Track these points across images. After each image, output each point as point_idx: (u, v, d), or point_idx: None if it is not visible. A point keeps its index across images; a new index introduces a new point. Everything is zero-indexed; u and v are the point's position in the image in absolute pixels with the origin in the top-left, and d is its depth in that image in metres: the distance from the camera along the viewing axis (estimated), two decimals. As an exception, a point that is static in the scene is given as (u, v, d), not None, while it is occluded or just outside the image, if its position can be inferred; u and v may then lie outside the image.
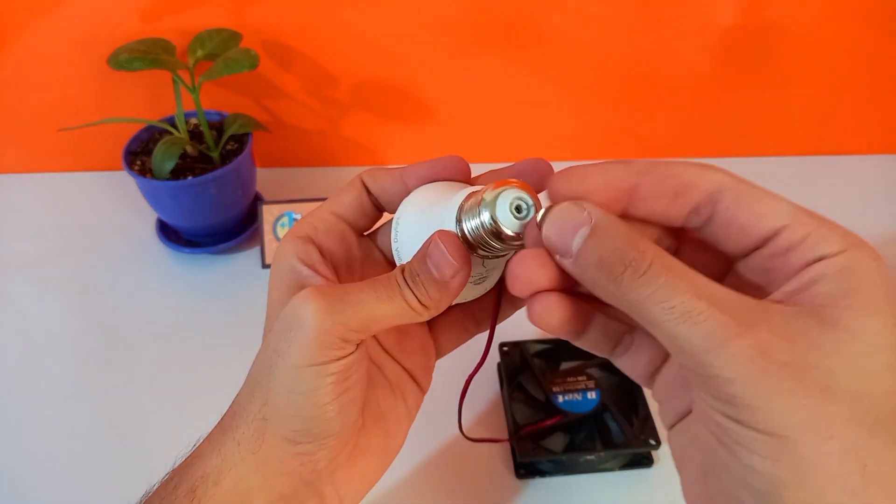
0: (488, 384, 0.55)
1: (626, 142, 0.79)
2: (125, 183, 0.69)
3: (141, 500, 0.30)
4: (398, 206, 0.31)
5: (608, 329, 0.28)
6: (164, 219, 0.67)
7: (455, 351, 0.35)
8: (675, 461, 0.25)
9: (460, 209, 0.27)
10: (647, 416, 0.49)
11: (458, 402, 0.34)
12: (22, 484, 0.50)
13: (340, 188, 0.31)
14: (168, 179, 0.60)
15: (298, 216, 0.66)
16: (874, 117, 0.77)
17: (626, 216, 0.25)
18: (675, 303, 0.21)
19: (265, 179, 0.73)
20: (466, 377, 0.33)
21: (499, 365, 0.55)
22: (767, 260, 0.24)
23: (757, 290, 0.24)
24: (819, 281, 0.22)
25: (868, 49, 0.71)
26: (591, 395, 0.50)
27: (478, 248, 0.27)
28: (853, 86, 0.74)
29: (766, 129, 0.78)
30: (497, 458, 0.51)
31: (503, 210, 0.25)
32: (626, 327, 0.28)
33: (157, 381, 0.57)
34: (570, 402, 0.49)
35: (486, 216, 0.26)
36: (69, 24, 0.66)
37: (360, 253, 0.31)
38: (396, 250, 0.30)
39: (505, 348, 0.54)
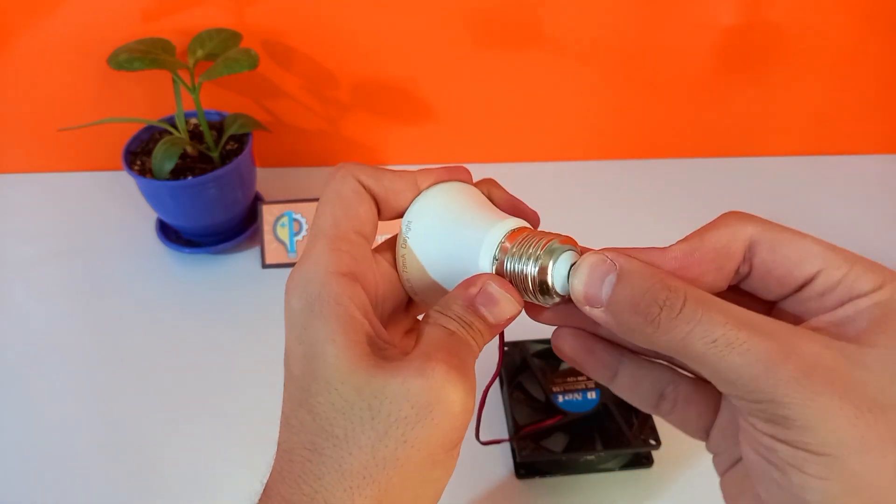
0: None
1: (626, 142, 0.79)
2: (125, 183, 0.69)
3: None
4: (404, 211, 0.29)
5: (639, 377, 0.28)
6: (164, 219, 0.67)
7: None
8: (727, 501, 0.26)
9: (501, 248, 0.26)
10: (647, 416, 0.49)
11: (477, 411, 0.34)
12: (22, 485, 0.50)
13: (342, 195, 0.27)
14: (168, 179, 0.60)
15: (298, 216, 0.66)
16: (874, 117, 0.77)
17: None
18: (717, 335, 0.21)
19: (265, 179, 0.73)
20: (484, 388, 0.32)
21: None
22: (804, 303, 0.24)
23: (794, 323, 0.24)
24: (855, 319, 0.22)
25: (868, 49, 0.71)
26: (591, 394, 0.50)
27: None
28: (853, 86, 0.74)
29: (766, 129, 0.78)
30: (497, 458, 0.51)
31: (561, 271, 0.25)
32: (668, 377, 0.28)
33: (157, 381, 0.57)
34: (570, 401, 0.49)
35: (538, 270, 0.25)
36: (69, 24, 0.66)
37: (378, 271, 0.29)
38: (403, 256, 0.28)
39: (505, 348, 0.54)
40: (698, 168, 0.78)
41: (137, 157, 0.64)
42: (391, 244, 0.30)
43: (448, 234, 0.27)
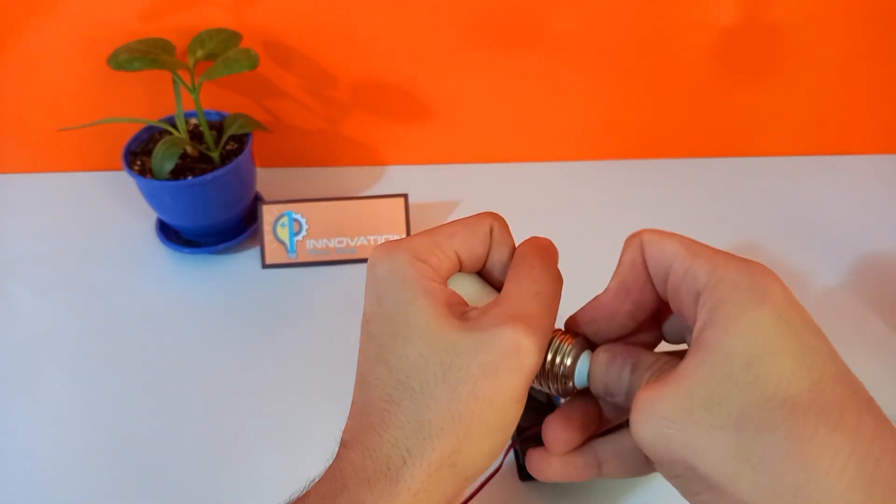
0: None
1: (626, 142, 0.79)
2: (125, 183, 0.69)
3: None
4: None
5: (622, 452, 0.32)
6: (164, 219, 0.67)
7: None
8: None
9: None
10: (648, 417, 0.49)
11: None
12: (21, 484, 0.50)
13: (471, 223, 0.30)
14: (168, 179, 0.60)
15: (298, 216, 0.66)
16: (874, 117, 0.77)
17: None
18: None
19: (265, 179, 0.73)
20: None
21: (499, 365, 0.55)
22: (674, 297, 0.27)
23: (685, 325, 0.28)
24: (699, 317, 0.25)
25: (868, 49, 0.71)
26: (592, 395, 0.50)
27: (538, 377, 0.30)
28: (853, 86, 0.74)
29: (766, 129, 0.78)
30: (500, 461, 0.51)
31: (582, 369, 0.29)
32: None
33: (157, 381, 0.57)
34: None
35: (563, 365, 0.29)
36: (69, 24, 0.66)
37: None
38: None
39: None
40: (698, 168, 0.78)
41: (137, 157, 0.63)
42: None
43: None
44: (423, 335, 0.26)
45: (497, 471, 0.48)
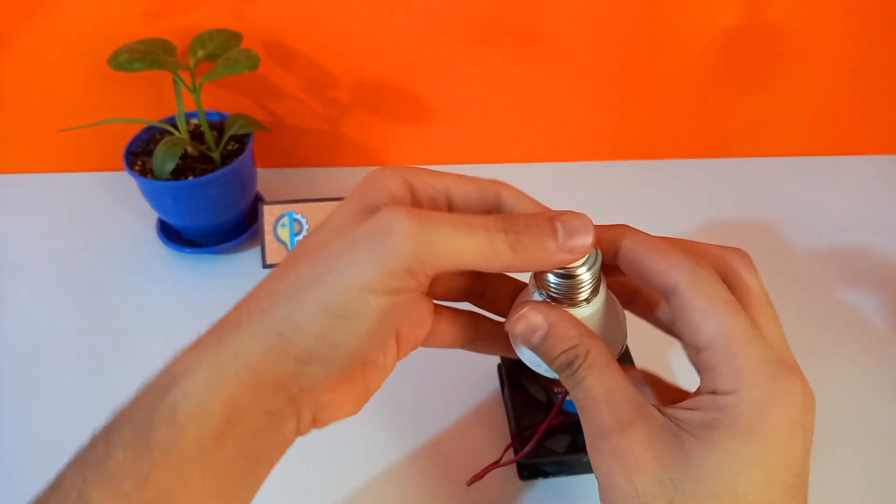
0: (488, 385, 0.55)
1: (626, 142, 0.79)
2: (125, 183, 0.69)
3: (112, 417, 0.28)
4: None
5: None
6: (165, 219, 0.67)
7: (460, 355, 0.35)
8: None
9: (534, 282, 0.30)
10: (648, 417, 0.49)
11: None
12: (21, 487, 0.50)
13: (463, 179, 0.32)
14: (169, 180, 0.60)
15: (299, 216, 0.66)
16: (874, 117, 0.77)
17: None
18: (580, 397, 0.27)
19: (265, 179, 0.73)
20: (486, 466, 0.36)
21: (499, 366, 0.55)
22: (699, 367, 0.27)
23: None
24: (699, 409, 0.25)
25: (868, 49, 0.71)
26: (593, 395, 0.50)
27: (564, 301, 0.29)
28: (853, 86, 0.74)
29: (766, 129, 0.78)
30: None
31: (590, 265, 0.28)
32: None
33: (158, 382, 0.57)
34: (571, 401, 0.49)
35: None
36: (69, 24, 0.66)
37: None
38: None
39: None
40: (698, 168, 0.78)
41: (138, 157, 0.63)
42: None
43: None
44: (336, 229, 0.29)
45: (496, 464, 0.48)
